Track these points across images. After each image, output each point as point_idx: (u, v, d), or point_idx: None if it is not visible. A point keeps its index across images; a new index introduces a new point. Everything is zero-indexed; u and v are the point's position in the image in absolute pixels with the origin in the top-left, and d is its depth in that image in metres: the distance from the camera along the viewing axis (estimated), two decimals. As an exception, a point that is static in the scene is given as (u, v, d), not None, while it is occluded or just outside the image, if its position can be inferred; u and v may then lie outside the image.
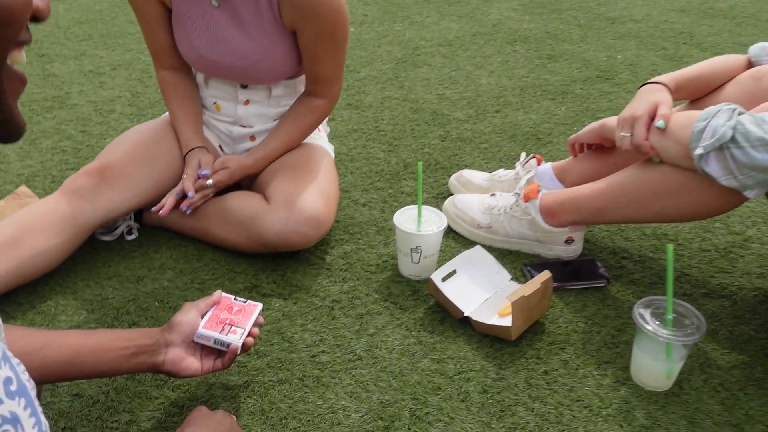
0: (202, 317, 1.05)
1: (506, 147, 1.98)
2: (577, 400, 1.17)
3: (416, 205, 1.42)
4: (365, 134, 2.02)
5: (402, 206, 1.65)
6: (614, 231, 1.61)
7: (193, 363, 1.02)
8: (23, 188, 1.49)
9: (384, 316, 1.33)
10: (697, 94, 1.41)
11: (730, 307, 1.39)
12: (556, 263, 1.49)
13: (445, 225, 1.40)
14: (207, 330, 1.03)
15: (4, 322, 1.28)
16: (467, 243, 1.56)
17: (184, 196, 1.44)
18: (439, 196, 1.73)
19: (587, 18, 3.18)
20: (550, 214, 1.46)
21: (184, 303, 1.06)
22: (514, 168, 1.70)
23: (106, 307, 1.33)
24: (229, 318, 1.07)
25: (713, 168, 1.16)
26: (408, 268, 1.43)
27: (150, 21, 1.48)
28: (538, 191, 1.48)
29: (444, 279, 1.35)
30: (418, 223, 1.40)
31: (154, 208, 1.42)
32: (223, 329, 1.05)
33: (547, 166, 1.59)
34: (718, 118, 1.14)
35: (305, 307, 1.34)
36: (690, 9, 3.41)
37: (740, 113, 1.15)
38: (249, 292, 1.37)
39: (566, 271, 1.46)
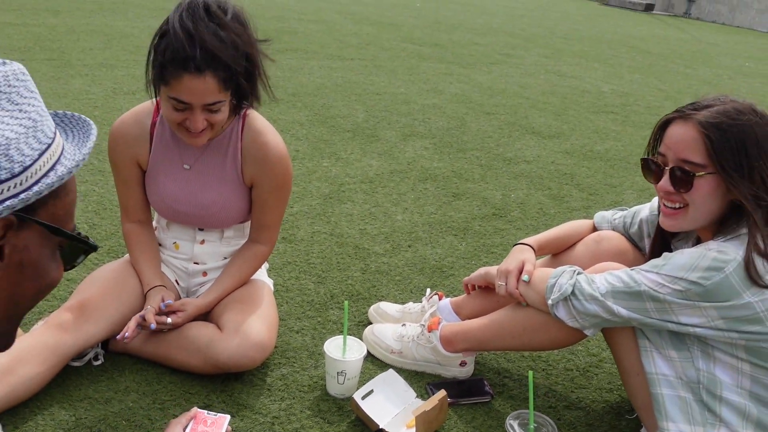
0: (184, 430, 1.34)
1: (416, 279, 2.38)
2: (466, 495, 1.50)
3: (342, 336, 1.77)
4: (298, 267, 2.38)
5: (329, 333, 2.00)
6: (500, 354, 2.00)
7: None
8: (7, 321, 1.74)
9: (315, 430, 1.64)
10: (555, 251, 1.87)
11: (584, 417, 1.79)
12: (452, 382, 1.86)
13: (365, 353, 1.76)
14: None
15: (-7, 440, 1.51)
16: (383, 365, 1.91)
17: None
18: (360, 324, 2.09)
19: (487, 158, 3.74)
20: (448, 342, 1.84)
21: (170, 420, 1.34)
22: (420, 302, 2.08)
23: (80, 426, 1.58)
24: (205, 430, 1.35)
25: (562, 314, 1.58)
26: (334, 389, 1.76)
27: (128, 181, 1.83)
28: (439, 323, 1.86)
29: (363, 397, 1.68)
30: (343, 351, 1.74)
31: (119, 336, 1.70)
32: None
33: (446, 302, 1.99)
34: (563, 278, 1.58)
35: (250, 423, 1.64)
36: (573, 151, 4.05)
37: (579, 273, 1.58)
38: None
39: (460, 389, 1.82)
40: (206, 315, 1.87)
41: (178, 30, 1.53)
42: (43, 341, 1.62)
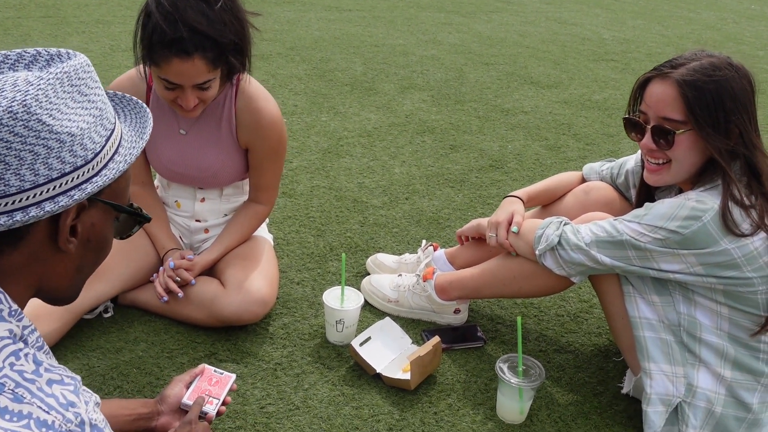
0: (189, 386, 1.40)
1: (413, 231, 2.45)
2: (458, 433, 1.60)
3: (340, 286, 1.84)
4: (297, 221, 2.45)
5: (328, 284, 2.08)
6: (493, 302, 2.08)
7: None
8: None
9: (315, 375, 1.73)
10: (545, 202, 1.92)
11: (573, 359, 1.88)
12: (447, 329, 1.94)
13: (362, 302, 1.83)
14: (190, 401, 1.37)
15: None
16: (380, 314, 1.99)
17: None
18: (358, 275, 2.16)
19: (485, 109, 3.76)
20: (442, 291, 1.91)
21: (174, 377, 1.40)
22: (416, 252, 2.15)
23: (94, 374, 1.67)
24: (208, 389, 1.40)
25: (549, 263, 1.65)
26: (333, 336, 1.84)
27: (127, 143, 1.87)
28: (434, 273, 1.93)
29: (361, 344, 1.77)
30: (341, 301, 1.82)
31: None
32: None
33: (441, 252, 2.06)
34: (549, 228, 1.63)
35: (254, 369, 1.73)
36: (571, 101, 4.05)
37: (566, 224, 1.64)
38: (209, 358, 1.75)
39: (454, 335, 1.91)
40: (210, 270, 1.94)
41: (159, 10, 1.52)
42: (55, 297, 1.70)
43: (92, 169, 0.82)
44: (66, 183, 0.80)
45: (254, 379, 1.70)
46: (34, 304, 1.68)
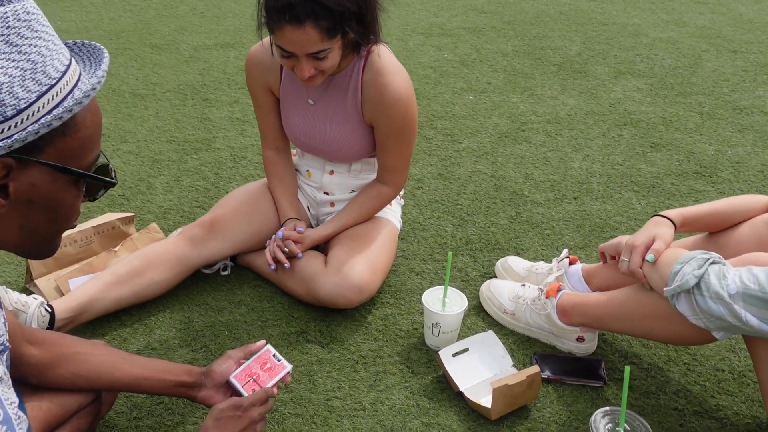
0: (242, 363, 1.34)
1: (568, 236, 2.15)
2: (533, 484, 1.35)
3: (447, 286, 1.66)
4: (443, 206, 2.28)
5: (452, 280, 1.90)
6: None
7: (218, 402, 1.28)
8: (154, 225, 1.94)
9: (396, 377, 1.59)
10: (709, 229, 1.53)
11: (717, 429, 1.49)
12: (565, 357, 1.66)
13: (464, 308, 1.64)
14: (235, 380, 1.31)
15: (115, 327, 1.71)
16: (494, 323, 1.77)
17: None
18: (485, 276, 1.95)
19: (712, 105, 3.18)
20: (564, 313, 1.63)
21: (227, 351, 1.37)
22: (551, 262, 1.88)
23: (189, 329, 1.72)
24: (258, 374, 1.33)
25: (683, 307, 1.30)
26: (429, 339, 1.68)
27: (263, 107, 1.87)
28: (558, 290, 1.66)
29: (455, 354, 1.58)
30: (442, 304, 1.64)
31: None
32: (246, 383, 1.31)
33: (577, 267, 1.76)
34: (690, 265, 1.28)
35: (336, 357, 1.64)
36: (836, 104, 3.26)
37: (713, 262, 1.28)
38: (297, 336, 1.70)
39: (571, 367, 1.62)
40: (323, 246, 1.88)
41: None
42: (173, 251, 1.77)
43: (15, 126, 0.75)
44: None
45: (332, 367, 1.61)
46: (148, 250, 1.78)
